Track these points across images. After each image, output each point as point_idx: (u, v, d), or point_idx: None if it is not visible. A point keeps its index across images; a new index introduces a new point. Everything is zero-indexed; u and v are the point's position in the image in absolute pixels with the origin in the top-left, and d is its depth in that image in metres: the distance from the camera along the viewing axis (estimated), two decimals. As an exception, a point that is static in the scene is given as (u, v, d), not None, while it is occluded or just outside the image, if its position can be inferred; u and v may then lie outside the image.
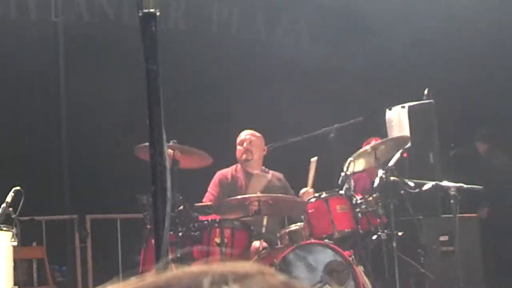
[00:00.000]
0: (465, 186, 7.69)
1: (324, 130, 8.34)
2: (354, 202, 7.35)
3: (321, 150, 8.26)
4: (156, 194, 2.73)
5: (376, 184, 7.47)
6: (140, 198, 7.04)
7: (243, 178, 7.97)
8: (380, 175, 7.44)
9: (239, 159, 8.06)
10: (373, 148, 7.50)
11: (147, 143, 2.79)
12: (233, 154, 8.10)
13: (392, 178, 7.42)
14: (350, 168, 7.53)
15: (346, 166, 7.55)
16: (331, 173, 7.81)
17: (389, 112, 8.71)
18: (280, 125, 8.45)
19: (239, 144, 8.07)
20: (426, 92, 8.52)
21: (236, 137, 8.14)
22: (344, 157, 7.55)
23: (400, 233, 7.31)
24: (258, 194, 7.24)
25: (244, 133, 8.11)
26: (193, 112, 9.37)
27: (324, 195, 7.36)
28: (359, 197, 7.42)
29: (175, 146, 6.85)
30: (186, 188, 7.17)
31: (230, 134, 8.28)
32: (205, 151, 7.27)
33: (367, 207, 7.35)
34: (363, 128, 8.40)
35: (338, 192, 7.41)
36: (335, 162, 7.77)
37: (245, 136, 8.07)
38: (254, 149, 8.02)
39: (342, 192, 7.40)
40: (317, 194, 7.41)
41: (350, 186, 7.45)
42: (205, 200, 7.74)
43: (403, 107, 8.55)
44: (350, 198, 7.35)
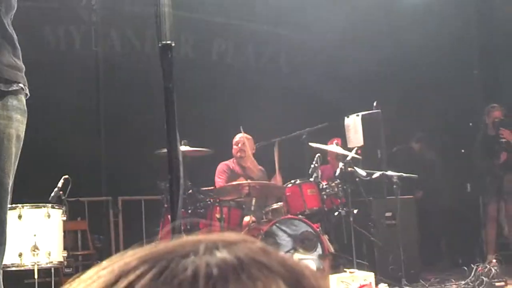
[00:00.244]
0: (404, 175, 7.71)
1: (298, 133, 8.32)
2: (321, 187, 7.36)
3: (296, 148, 8.25)
4: (172, 181, 2.71)
5: (337, 174, 7.49)
6: (159, 184, 7.02)
7: (239, 169, 7.98)
8: (341, 167, 7.46)
9: (235, 156, 8.07)
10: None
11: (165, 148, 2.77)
12: (230, 150, 8.11)
13: (349, 169, 7.42)
14: (318, 161, 7.54)
15: (315, 160, 7.55)
16: (304, 165, 7.79)
17: (347, 119, 8.71)
18: (265, 129, 8.41)
19: (235, 144, 8.08)
20: (375, 104, 8.53)
21: (233, 139, 8.14)
22: (314, 153, 7.56)
23: (355, 211, 7.32)
24: (249, 181, 7.25)
25: (239, 136, 8.10)
26: (200, 119, 9.33)
27: (298, 182, 7.38)
28: (325, 183, 7.43)
29: (186, 144, 6.84)
30: (194, 177, 7.15)
31: (228, 135, 8.27)
32: (208, 148, 7.28)
33: (331, 191, 7.35)
34: (328, 131, 8.37)
35: (309, 180, 7.42)
36: (306, 157, 7.74)
37: (239, 138, 8.08)
38: (246, 148, 8.02)
39: (312, 180, 7.42)
40: (293, 181, 7.40)
41: (318, 175, 7.46)
42: (217, 184, 7.74)
43: (358, 115, 8.55)
44: (318, 184, 7.36)
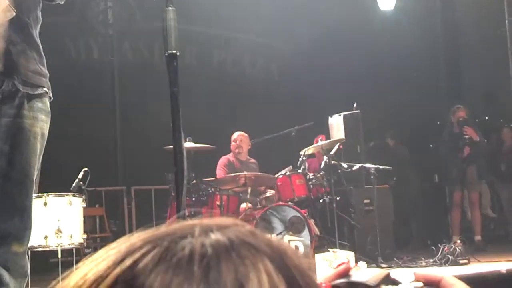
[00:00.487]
0: (380, 167, 7.70)
1: (288, 130, 8.31)
2: (308, 178, 7.34)
3: (286, 144, 8.25)
4: (177, 173, 2.70)
5: (322, 166, 7.47)
6: (167, 175, 7.00)
7: (237, 163, 7.96)
8: (325, 160, 7.44)
9: (233, 151, 8.05)
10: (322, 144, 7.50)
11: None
12: (229, 146, 8.10)
13: (333, 162, 7.41)
14: (305, 155, 7.54)
15: (303, 154, 7.54)
16: (293, 159, 7.79)
17: (331, 119, 8.69)
18: (259, 127, 8.41)
19: (233, 141, 8.06)
20: (355, 105, 8.52)
21: (231, 136, 8.13)
22: (302, 148, 7.56)
23: (338, 198, 7.30)
24: (245, 173, 7.24)
25: (237, 133, 8.09)
26: (203, 119, 9.31)
27: (288, 173, 7.34)
28: (311, 174, 7.41)
29: (190, 140, 6.83)
30: (198, 169, 7.15)
31: (227, 133, 8.26)
32: (210, 144, 7.27)
33: (316, 181, 7.34)
34: (314, 129, 8.37)
35: (297, 171, 7.39)
36: (295, 151, 7.74)
37: (237, 136, 8.07)
38: (243, 145, 8.02)
39: (300, 171, 7.39)
40: (283, 172, 7.38)
41: (305, 167, 7.44)
42: (219, 175, 7.70)
43: (340, 115, 8.54)
44: (305, 175, 7.34)
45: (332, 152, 7.47)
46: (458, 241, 7.76)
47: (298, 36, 10.97)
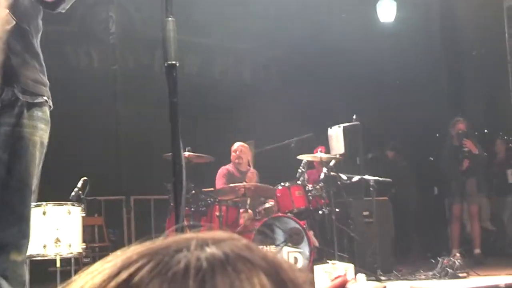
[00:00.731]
0: (380, 179, 7.68)
1: (287, 141, 8.32)
2: (307, 189, 7.32)
3: (285, 155, 8.25)
4: (176, 183, 2.70)
5: (322, 177, 7.45)
6: (166, 185, 7.00)
7: (236, 173, 7.95)
8: (325, 171, 7.42)
9: (233, 161, 8.04)
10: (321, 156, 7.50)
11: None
12: (229, 157, 8.10)
13: (332, 173, 7.39)
14: (305, 167, 7.53)
15: (302, 165, 7.53)
16: (292, 170, 7.78)
17: (330, 130, 8.68)
18: (259, 138, 8.42)
19: (233, 152, 8.06)
20: (355, 117, 8.50)
21: (231, 146, 8.13)
22: (301, 160, 7.55)
23: (337, 210, 7.28)
24: (244, 183, 7.23)
25: (237, 144, 8.10)
26: (203, 129, 9.32)
27: (288, 184, 7.33)
28: (311, 186, 7.39)
29: (190, 151, 6.82)
30: (197, 179, 7.14)
31: (227, 144, 8.26)
32: (209, 155, 7.26)
33: (316, 192, 7.32)
34: (313, 140, 8.37)
35: (297, 182, 7.38)
36: (295, 163, 7.73)
37: (237, 146, 8.07)
38: (243, 155, 8.02)
39: (300, 182, 7.38)
40: (283, 184, 7.37)
41: (305, 178, 7.44)
42: (218, 186, 7.69)
43: (339, 127, 8.52)
44: (305, 186, 7.33)
45: (332, 164, 7.46)
46: (458, 254, 7.74)
47: (299, 47, 11.00)
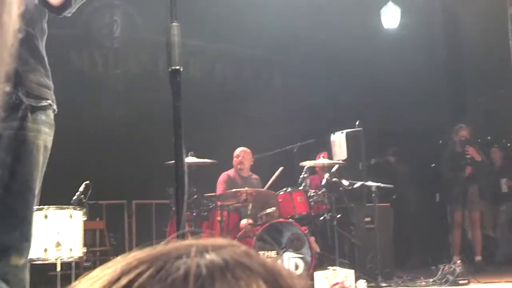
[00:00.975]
0: (382, 185, 7.68)
1: (290, 147, 8.32)
2: (309, 195, 7.33)
3: (288, 160, 8.25)
4: (178, 188, 2.70)
5: (324, 183, 7.45)
6: (168, 190, 7.01)
7: (238, 178, 7.95)
8: (326, 177, 7.43)
9: (235, 167, 8.05)
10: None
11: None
12: (231, 162, 8.10)
13: (334, 179, 7.40)
14: (307, 172, 7.53)
15: (304, 171, 7.53)
16: (294, 175, 7.78)
17: (333, 136, 8.69)
18: (261, 143, 8.41)
19: (236, 157, 8.07)
20: (357, 123, 8.51)
21: (233, 151, 8.13)
22: (304, 166, 7.55)
23: (339, 216, 7.28)
24: (246, 189, 7.23)
25: (239, 149, 8.10)
26: (205, 134, 9.31)
27: (289, 190, 7.33)
28: (312, 191, 7.39)
29: (192, 155, 6.83)
30: (199, 184, 7.14)
31: (229, 149, 8.26)
32: (212, 160, 7.26)
33: (317, 198, 7.32)
34: (316, 146, 8.37)
35: (298, 188, 7.39)
36: (297, 168, 7.73)
37: (239, 152, 8.08)
38: (245, 161, 8.03)
39: (301, 188, 7.38)
40: (284, 189, 7.37)
41: (307, 184, 7.44)
42: (218, 192, 7.68)
43: (342, 133, 8.54)
44: (306, 192, 7.33)
45: (334, 170, 7.46)
46: (459, 261, 7.75)
47: (301, 53, 11.02)
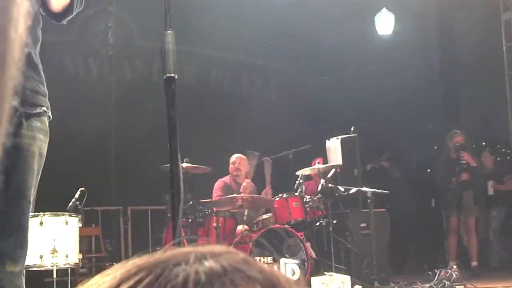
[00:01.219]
0: (377, 191, 7.68)
1: (285, 153, 8.33)
2: (305, 200, 7.34)
3: (283, 166, 8.25)
4: (173, 194, 2.70)
5: (319, 189, 7.45)
6: (164, 196, 7.00)
7: (234, 185, 7.95)
8: (322, 183, 7.43)
9: (231, 173, 8.05)
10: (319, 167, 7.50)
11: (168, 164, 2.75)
12: (227, 168, 8.09)
13: (330, 185, 7.40)
14: (302, 178, 7.54)
15: (300, 177, 7.54)
16: (290, 181, 7.78)
17: (328, 142, 8.70)
18: (257, 149, 8.41)
19: (232, 164, 8.07)
20: (352, 129, 8.52)
21: (229, 157, 8.13)
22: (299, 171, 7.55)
23: (335, 221, 7.29)
24: (242, 195, 7.22)
25: (235, 156, 8.11)
26: (201, 140, 9.30)
27: (285, 196, 7.35)
28: (308, 197, 7.40)
29: (187, 161, 6.83)
30: (195, 190, 7.14)
31: (225, 155, 8.25)
32: (207, 166, 7.26)
33: (313, 204, 7.33)
34: (311, 152, 8.38)
35: (294, 194, 7.40)
36: (293, 174, 7.73)
37: (235, 158, 8.08)
38: (242, 167, 8.03)
39: (297, 194, 7.39)
40: (280, 195, 7.38)
41: (302, 190, 7.44)
42: (214, 198, 7.67)
43: (337, 139, 8.55)
44: (302, 198, 7.34)
45: (329, 175, 7.47)
46: (455, 266, 7.75)
47: (297, 59, 11.05)
